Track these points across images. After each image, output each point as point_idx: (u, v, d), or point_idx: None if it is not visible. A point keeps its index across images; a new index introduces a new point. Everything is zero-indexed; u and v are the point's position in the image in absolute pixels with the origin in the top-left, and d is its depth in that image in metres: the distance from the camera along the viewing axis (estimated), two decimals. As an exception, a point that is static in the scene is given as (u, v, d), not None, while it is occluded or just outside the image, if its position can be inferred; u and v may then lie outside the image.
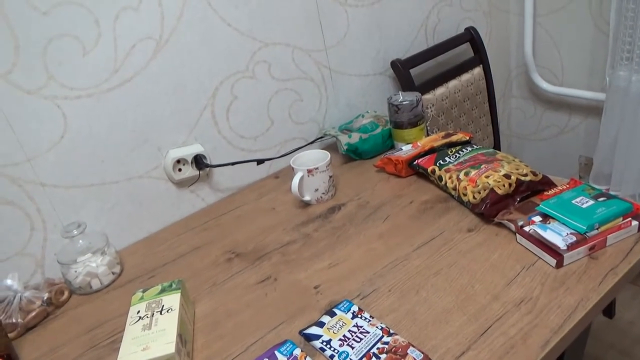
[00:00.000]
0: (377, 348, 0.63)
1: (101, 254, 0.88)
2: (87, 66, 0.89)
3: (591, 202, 0.76)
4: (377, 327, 0.66)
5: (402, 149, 1.08)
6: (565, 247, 0.70)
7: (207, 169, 1.08)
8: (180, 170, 1.04)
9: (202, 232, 1.00)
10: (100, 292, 0.88)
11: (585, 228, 0.71)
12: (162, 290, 0.74)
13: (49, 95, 0.87)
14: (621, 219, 0.73)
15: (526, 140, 1.80)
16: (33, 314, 0.81)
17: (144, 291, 0.74)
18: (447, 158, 0.98)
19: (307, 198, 1.00)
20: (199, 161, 1.06)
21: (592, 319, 0.66)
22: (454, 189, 0.91)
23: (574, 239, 0.71)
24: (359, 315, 0.69)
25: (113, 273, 0.90)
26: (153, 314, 0.69)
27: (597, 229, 0.72)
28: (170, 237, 1.01)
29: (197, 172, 1.06)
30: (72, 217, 0.93)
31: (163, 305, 0.70)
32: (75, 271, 0.86)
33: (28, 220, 0.90)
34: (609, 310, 1.43)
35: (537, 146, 1.77)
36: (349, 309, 0.70)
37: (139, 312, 0.70)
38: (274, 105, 1.16)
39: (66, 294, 0.87)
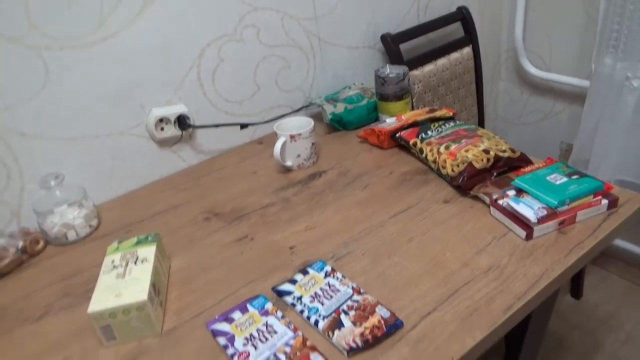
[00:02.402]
0: (347, 305, 0.64)
1: (78, 206, 0.88)
2: (71, 18, 0.88)
3: (565, 179, 0.78)
4: (348, 286, 0.67)
5: (385, 121, 1.09)
6: (535, 220, 0.71)
7: (190, 129, 1.07)
8: (162, 129, 1.04)
9: (181, 192, 1.00)
10: (76, 244, 0.88)
11: (556, 203, 0.73)
12: (138, 242, 0.74)
13: (32, 44, 0.85)
14: (592, 196, 0.75)
15: (510, 124, 1.82)
16: (7, 260, 0.81)
17: (119, 242, 0.75)
18: (429, 132, 0.99)
19: (288, 163, 1.01)
20: (182, 121, 1.05)
21: (554, 289, 0.68)
22: (434, 161, 0.93)
23: (545, 212, 0.72)
24: (332, 275, 0.70)
25: (90, 226, 0.90)
26: (127, 263, 0.69)
27: (568, 204, 0.74)
28: (149, 195, 1.01)
29: (179, 132, 1.06)
30: (51, 169, 0.92)
31: (138, 256, 0.71)
32: (52, 222, 0.86)
33: (4, 168, 0.89)
34: (576, 292, 1.48)
35: (520, 130, 1.79)
36: (322, 269, 0.71)
37: (113, 261, 0.70)
38: (261, 70, 1.15)
39: (41, 243, 0.87)
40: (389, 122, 1.08)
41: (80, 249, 0.87)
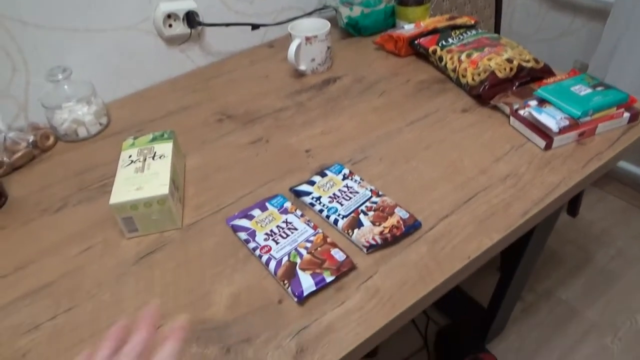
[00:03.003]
0: (366, 206, 0.65)
1: (87, 103, 0.86)
2: None
3: (589, 90, 0.76)
4: (366, 188, 0.68)
5: (404, 27, 1.04)
6: (557, 130, 0.71)
7: (200, 27, 1.02)
8: (170, 25, 0.99)
9: (191, 93, 0.98)
10: (86, 141, 0.87)
11: (579, 114, 0.72)
12: (154, 139, 0.73)
13: None
14: (615, 108, 0.74)
15: (525, 41, 1.75)
16: (19, 154, 0.80)
17: (134, 138, 0.74)
18: (449, 39, 0.95)
19: (302, 67, 0.97)
20: (190, 18, 1.00)
21: (570, 196, 0.69)
22: (454, 70, 0.90)
23: (567, 122, 0.72)
24: (350, 178, 0.70)
25: (100, 124, 0.89)
26: (145, 159, 0.69)
27: (591, 115, 0.73)
28: (158, 95, 0.98)
29: (188, 30, 1.01)
30: (57, 62, 0.88)
31: (155, 152, 0.70)
32: (61, 117, 0.84)
33: (9, 59, 0.85)
34: (573, 210, 1.52)
35: (534, 48, 1.73)
36: (340, 172, 0.71)
37: (130, 156, 0.70)
38: (273, -34, 1.08)
39: (52, 139, 0.85)
40: (407, 29, 1.03)
41: (91, 146, 0.86)
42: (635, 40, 1.25)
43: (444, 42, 0.95)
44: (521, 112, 0.77)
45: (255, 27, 1.07)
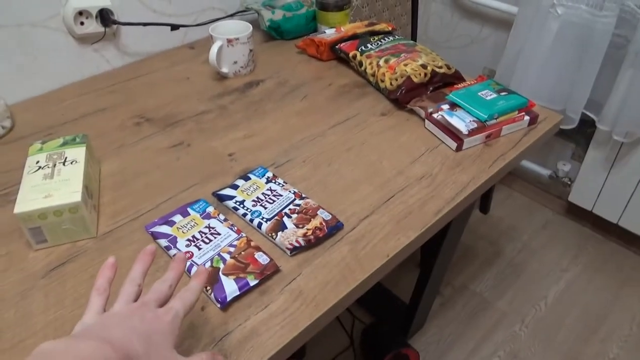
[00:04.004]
0: (289, 209, 0.66)
1: (-12, 105, 0.79)
2: None
3: (494, 95, 0.82)
4: (289, 191, 0.69)
5: (325, 32, 1.06)
6: (467, 132, 0.76)
7: (115, 26, 0.98)
8: (82, 23, 0.94)
9: (107, 95, 0.93)
10: (-13, 146, 0.80)
11: (486, 117, 0.77)
12: (65, 143, 0.69)
13: None
14: (517, 112, 0.81)
15: (439, 47, 1.85)
16: None
17: (42, 143, 0.69)
18: (369, 45, 0.99)
19: (224, 70, 0.96)
20: (104, 16, 0.95)
21: (479, 194, 0.74)
22: (373, 75, 0.93)
23: (475, 125, 0.77)
24: (273, 181, 0.71)
25: (3, 127, 0.82)
26: (55, 164, 0.65)
27: (496, 119, 0.79)
28: (70, 97, 0.93)
29: (102, 29, 0.96)
30: (-51, 60, 0.81)
31: (66, 157, 0.66)
32: (-43, 120, 0.77)
33: None
34: (484, 207, 1.63)
35: (447, 54, 1.84)
36: (264, 175, 0.72)
37: (38, 162, 0.65)
38: (192, -34, 1.06)
39: (-54, 144, 0.78)
40: (329, 34, 1.05)
41: (-7, 152, 0.79)
42: (534, 48, 1.36)
43: (363, 48, 0.98)
44: (435, 115, 0.81)
45: (174, 27, 1.04)
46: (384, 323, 1.31)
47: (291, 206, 0.66)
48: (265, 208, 0.66)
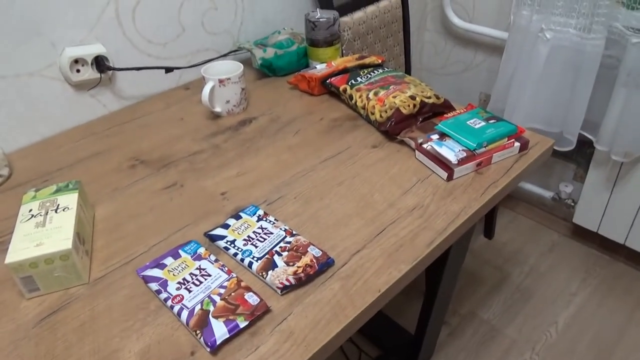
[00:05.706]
0: (280, 247, 0.66)
1: (-14, 154, 0.81)
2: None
3: (483, 123, 0.83)
4: (280, 228, 0.69)
5: (316, 67, 1.08)
6: (456, 161, 0.76)
7: (110, 72, 1.00)
8: (78, 71, 0.96)
9: (103, 139, 0.95)
10: (-15, 195, 0.82)
11: (475, 145, 0.78)
12: (58, 190, 0.70)
13: None
14: (506, 139, 0.81)
15: (434, 75, 1.88)
16: None
17: (36, 190, 0.70)
18: (358, 78, 1.00)
19: (217, 109, 0.98)
20: (100, 63, 0.98)
21: (472, 224, 0.74)
22: (363, 107, 0.94)
23: (465, 154, 0.77)
24: (264, 219, 0.71)
25: (0, 176, 0.84)
26: (47, 212, 0.66)
27: (485, 147, 0.79)
28: (67, 142, 0.94)
29: (98, 75, 0.98)
30: (-51, 113, 0.83)
31: (58, 204, 0.67)
32: (-45, 171, 0.79)
33: None
34: (488, 232, 1.61)
35: (443, 81, 1.86)
36: (255, 213, 0.72)
37: (30, 210, 0.66)
38: (185, 10, 1.09)
39: (-56, 195, 0.79)
40: (319, 69, 1.07)
41: (-10, 200, 0.80)
42: (526, 72, 1.37)
43: (353, 81, 0.99)
44: (425, 145, 0.82)
45: (169, 70, 1.07)
46: (391, 356, 1.28)
47: (282, 244, 0.66)
48: (256, 247, 0.66)
